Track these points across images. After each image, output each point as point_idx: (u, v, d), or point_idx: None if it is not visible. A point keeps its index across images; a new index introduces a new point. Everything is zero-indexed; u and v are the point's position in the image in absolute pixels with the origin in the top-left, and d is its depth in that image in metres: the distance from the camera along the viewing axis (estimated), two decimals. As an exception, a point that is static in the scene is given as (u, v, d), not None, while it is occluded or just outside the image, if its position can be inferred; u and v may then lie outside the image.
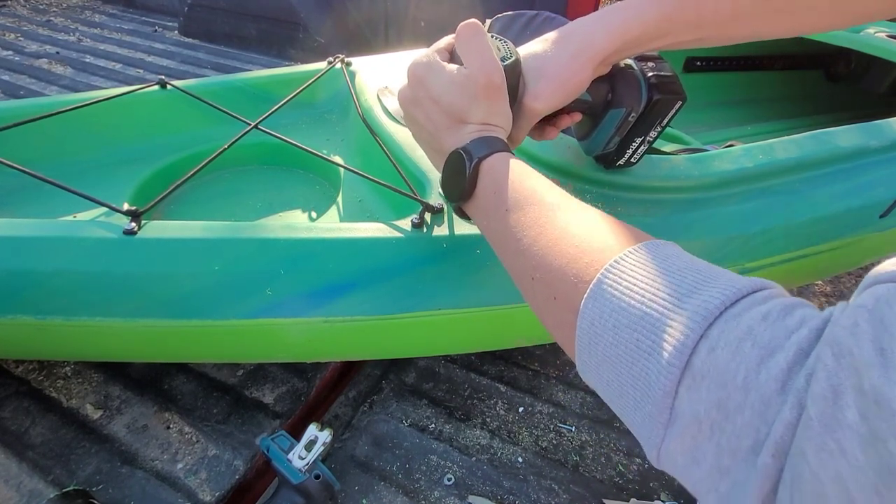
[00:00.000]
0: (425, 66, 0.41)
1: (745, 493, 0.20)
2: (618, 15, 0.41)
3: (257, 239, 0.50)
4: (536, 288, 0.32)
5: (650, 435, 0.24)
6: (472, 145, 0.38)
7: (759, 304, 0.23)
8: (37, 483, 0.56)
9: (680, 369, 0.22)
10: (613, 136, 0.51)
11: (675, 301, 0.24)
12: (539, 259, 0.31)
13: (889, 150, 0.66)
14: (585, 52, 0.42)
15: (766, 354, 0.21)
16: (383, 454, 0.62)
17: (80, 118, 0.69)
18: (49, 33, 2.07)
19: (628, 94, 0.48)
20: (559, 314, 0.30)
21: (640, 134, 0.51)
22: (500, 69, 0.39)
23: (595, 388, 0.28)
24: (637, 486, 0.61)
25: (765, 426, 0.20)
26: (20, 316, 0.49)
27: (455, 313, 0.54)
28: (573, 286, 0.28)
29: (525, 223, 0.33)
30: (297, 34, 1.89)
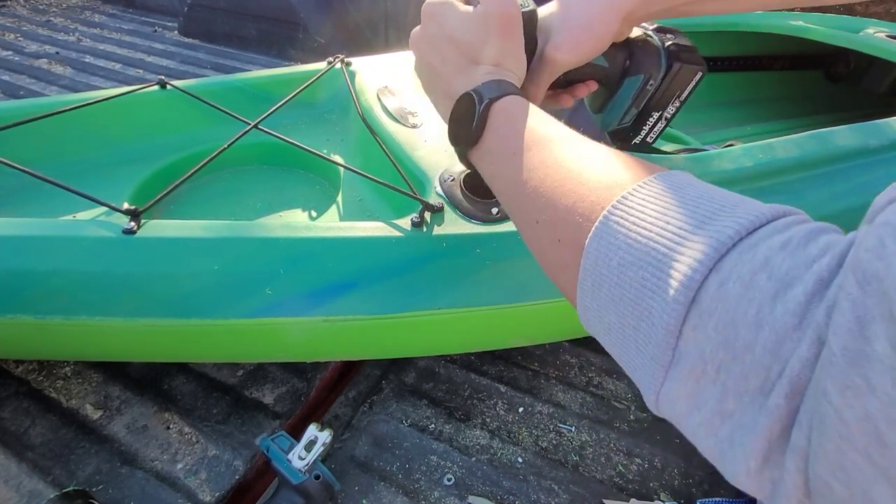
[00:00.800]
0: (440, 3, 0.40)
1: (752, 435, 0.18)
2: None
3: (257, 238, 0.50)
4: (541, 232, 0.30)
5: (650, 378, 0.23)
6: (484, 87, 0.36)
7: (778, 233, 0.20)
8: (36, 483, 0.56)
9: (685, 306, 0.21)
10: (630, 108, 0.49)
11: (686, 233, 0.22)
12: (545, 201, 0.29)
13: (889, 150, 0.66)
14: (609, 2, 0.41)
15: (783, 287, 0.19)
16: (383, 454, 0.62)
17: (80, 118, 0.69)
18: (49, 33, 2.07)
19: (647, 60, 0.47)
20: (563, 257, 0.28)
21: (658, 108, 0.49)
22: (517, 5, 0.38)
23: (597, 334, 0.27)
24: (637, 487, 0.61)
25: (777, 365, 0.18)
26: (20, 316, 0.49)
27: (455, 313, 0.54)
28: (578, 226, 0.26)
29: (532, 164, 0.31)
30: (296, 34, 1.89)
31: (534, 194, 0.30)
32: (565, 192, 0.28)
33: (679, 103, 0.50)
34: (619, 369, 0.76)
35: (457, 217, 0.54)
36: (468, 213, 0.54)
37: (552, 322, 0.63)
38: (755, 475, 0.19)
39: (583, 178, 0.28)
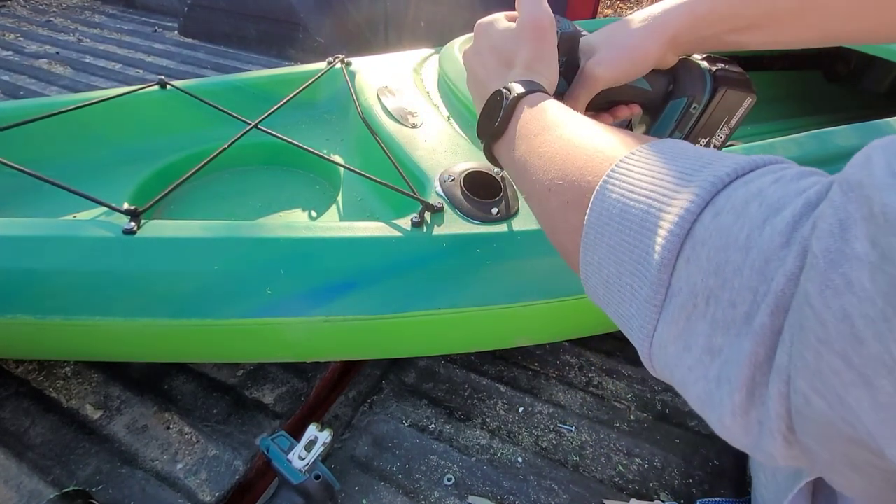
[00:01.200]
0: (488, 21, 0.44)
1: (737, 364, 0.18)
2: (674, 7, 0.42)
3: (257, 238, 0.50)
4: (551, 198, 0.31)
5: (643, 325, 0.22)
6: (513, 85, 0.39)
7: (772, 172, 0.21)
8: (36, 483, 0.56)
9: (681, 238, 0.21)
10: (674, 131, 0.49)
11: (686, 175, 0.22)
12: (557, 168, 0.31)
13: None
14: (654, 25, 0.42)
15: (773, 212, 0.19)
16: (383, 454, 0.62)
17: (80, 118, 0.69)
18: (49, 33, 2.07)
19: (691, 83, 0.47)
20: (571, 218, 0.28)
21: (704, 134, 0.49)
22: (550, 16, 0.41)
23: (595, 295, 0.27)
24: (637, 487, 0.61)
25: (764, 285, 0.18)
26: (20, 316, 0.49)
27: (455, 313, 0.54)
28: (586, 184, 0.27)
29: (549, 141, 0.33)
30: (296, 34, 1.89)
31: (547, 165, 0.32)
32: (576, 157, 0.30)
33: (729, 130, 0.49)
34: (619, 369, 0.77)
35: (457, 217, 0.54)
36: (468, 214, 0.54)
37: (552, 322, 0.63)
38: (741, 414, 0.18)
39: (593, 145, 0.29)
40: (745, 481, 0.61)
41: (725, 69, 0.47)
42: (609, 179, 0.25)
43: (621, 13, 3.13)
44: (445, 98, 0.75)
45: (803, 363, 0.16)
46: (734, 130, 0.49)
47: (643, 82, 0.46)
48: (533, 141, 0.34)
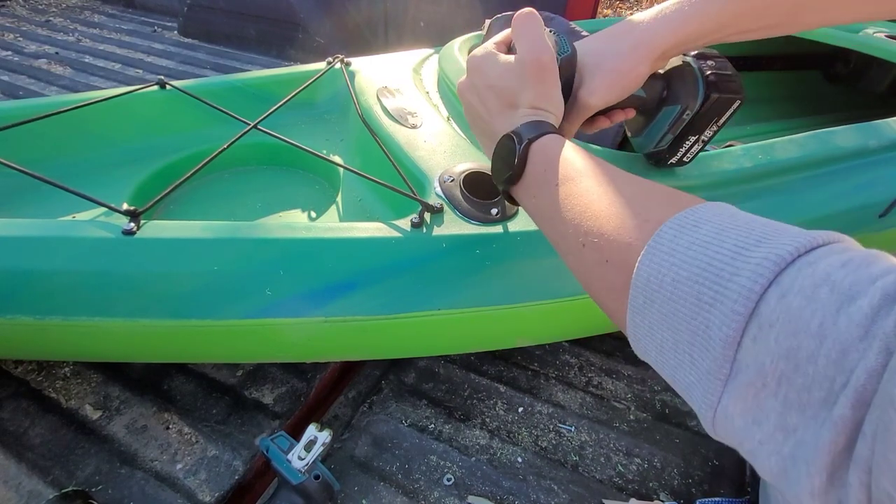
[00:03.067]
0: (482, 56, 0.43)
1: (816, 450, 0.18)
2: (676, 5, 0.41)
3: (257, 239, 0.50)
4: (586, 254, 0.30)
5: (706, 393, 0.22)
6: (523, 128, 0.38)
7: (837, 253, 0.21)
8: (36, 484, 0.56)
9: (745, 317, 0.20)
10: (666, 134, 0.50)
11: (742, 250, 0.22)
12: (590, 224, 0.30)
13: (888, 150, 0.66)
14: (643, 47, 0.42)
15: (847, 300, 0.18)
16: (383, 454, 0.62)
17: (80, 118, 0.69)
18: (48, 33, 2.07)
19: (684, 91, 0.48)
20: (611, 277, 0.28)
21: (694, 132, 0.50)
22: (551, 52, 0.40)
23: (647, 354, 0.27)
24: (636, 486, 0.61)
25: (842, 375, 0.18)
26: (19, 316, 0.49)
27: (455, 313, 0.54)
28: (628, 246, 0.27)
29: (575, 193, 0.32)
30: (296, 34, 1.89)
31: (579, 219, 0.31)
32: (612, 215, 0.29)
33: (716, 127, 0.50)
34: (619, 369, 0.77)
35: (456, 218, 0.54)
36: (467, 214, 0.54)
37: (552, 322, 0.63)
38: (820, 495, 0.19)
39: (629, 202, 0.29)
40: (744, 481, 0.61)
41: (717, 72, 0.47)
42: (655, 245, 0.25)
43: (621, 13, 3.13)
44: (445, 98, 0.75)
45: (886, 463, 0.16)
46: (721, 128, 0.50)
47: (638, 90, 0.46)
48: (558, 191, 0.34)
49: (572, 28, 0.75)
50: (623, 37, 0.43)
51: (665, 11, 0.42)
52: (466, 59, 0.45)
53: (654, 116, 0.50)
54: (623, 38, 0.43)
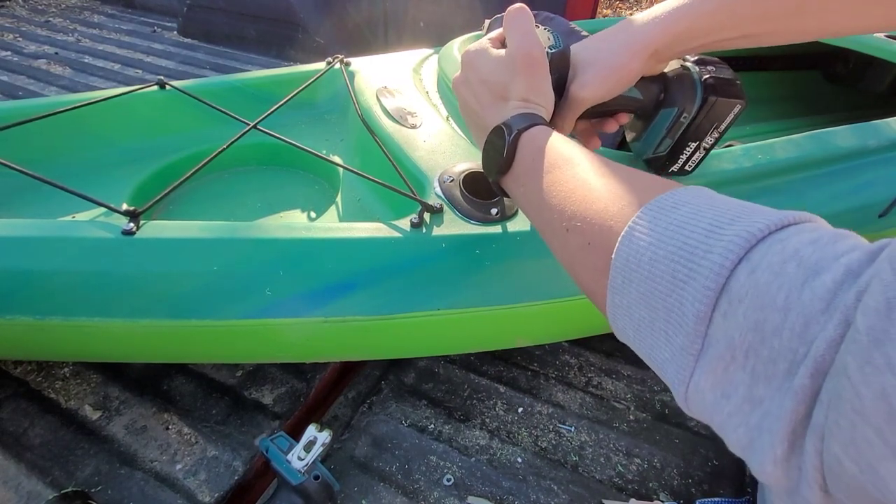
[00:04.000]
0: (475, 51, 0.44)
1: (778, 418, 0.19)
2: (671, 5, 0.42)
3: (256, 239, 0.50)
4: (570, 238, 0.31)
5: (679, 370, 0.23)
6: (512, 120, 0.39)
7: (807, 231, 0.21)
8: (35, 484, 0.56)
9: (716, 292, 0.21)
10: (664, 138, 0.50)
11: (716, 229, 0.23)
12: (574, 209, 0.31)
13: (888, 150, 0.66)
14: (634, 42, 0.42)
15: (812, 274, 0.19)
16: (383, 455, 0.62)
17: (79, 119, 0.69)
18: (48, 34, 2.07)
19: (681, 93, 0.47)
20: (593, 259, 0.29)
21: (694, 139, 0.49)
22: (540, 46, 0.41)
23: (625, 333, 0.27)
24: (636, 487, 0.61)
25: (804, 347, 0.19)
26: (19, 316, 0.49)
27: (454, 313, 0.54)
28: (609, 229, 0.28)
29: (561, 180, 0.33)
30: (296, 34, 1.89)
31: (563, 204, 0.32)
32: (595, 199, 0.30)
33: (718, 134, 0.49)
34: (619, 370, 0.77)
35: (456, 218, 0.54)
36: (467, 214, 0.54)
37: (552, 322, 0.63)
38: (782, 462, 0.19)
39: (611, 187, 0.30)
40: (744, 481, 0.61)
41: (716, 76, 0.47)
42: (635, 226, 0.26)
43: (621, 13, 3.13)
44: (445, 98, 0.75)
45: (837, 429, 0.17)
46: (723, 134, 0.50)
47: (634, 91, 0.46)
48: (544, 178, 0.35)
49: (572, 28, 0.75)
50: (616, 34, 0.44)
51: (659, 10, 0.42)
52: (462, 55, 0.45)
53: (652, 119, 0.50)
54: (616, 35, 0.44)
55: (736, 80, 0.47)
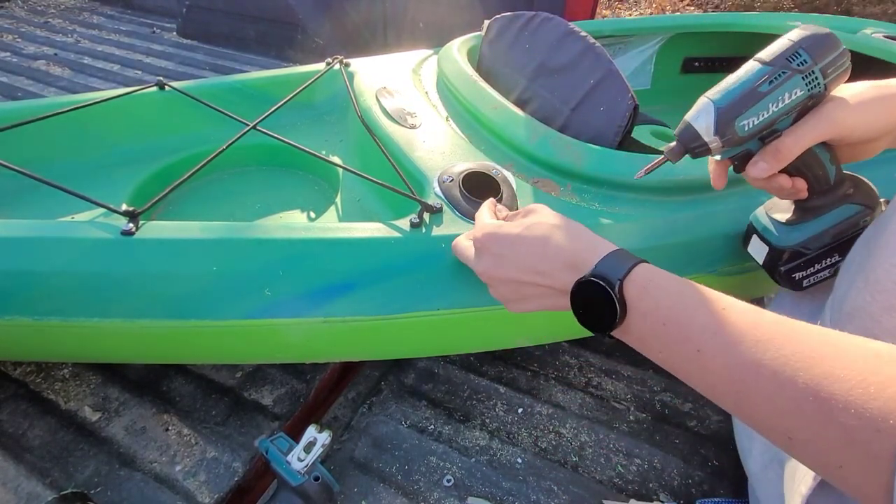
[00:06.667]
0: (494, 236, 0.42)
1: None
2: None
3: (256, 239, 0.50)
4: (795, 447, 0.27)
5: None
6: (602, 267, 0.36)
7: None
8: (35, 485, 0.56)
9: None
10: (826, 234, 0.46)
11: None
12: (789, 413, 0.27)
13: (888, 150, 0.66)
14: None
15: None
16: (382, 455, 0.62)
17: (79, 119, 0.69)
18: (47, 34, 2.07)
19: (871, 199, 0.45)
20: (856, 464, 0.25)
21: (843, 252, 0.46)
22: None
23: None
24: (636, 487, 0.61)
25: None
26: (18, 317, 0.49)
27: (454, 313, 0.54)
28: (880, 434, 0.23)
29: (738, 365, 0.29)
30: (295, 35, 1.89)
31: (764, 407, 0.28)
32: (816, 404, 0.26)
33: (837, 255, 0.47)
34: (619, 370, 0.77)
35: (455, 218, 0.54)
36: (467, 214, 0.54)
37: (551, 322, 0.63)
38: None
39: (835, 387, 0.25)
40: (744, 481, 0.61)
41: None
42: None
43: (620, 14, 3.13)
44: (444, 98, 0.75)
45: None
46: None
47: (833, 171, 0.44)
48: (705, 361, 0.31)
49: (571, 29, 0.75)
50: (883, 84, 0.41)
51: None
52: (483, 239, 0.43)
53: (828, 210, 0.46)
54: (884, 84, 0.41)
55: None
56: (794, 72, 0.38)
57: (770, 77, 0.38)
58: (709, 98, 0.40)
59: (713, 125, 0.40)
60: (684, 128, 0.42)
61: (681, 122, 0.42)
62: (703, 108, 0.40)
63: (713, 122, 0.40)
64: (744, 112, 0.39)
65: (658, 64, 1.18)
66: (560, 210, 0.44)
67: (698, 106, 0.41)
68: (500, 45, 0.82)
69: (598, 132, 0.64)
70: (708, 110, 0.40)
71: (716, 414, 0.70)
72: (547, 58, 0.73)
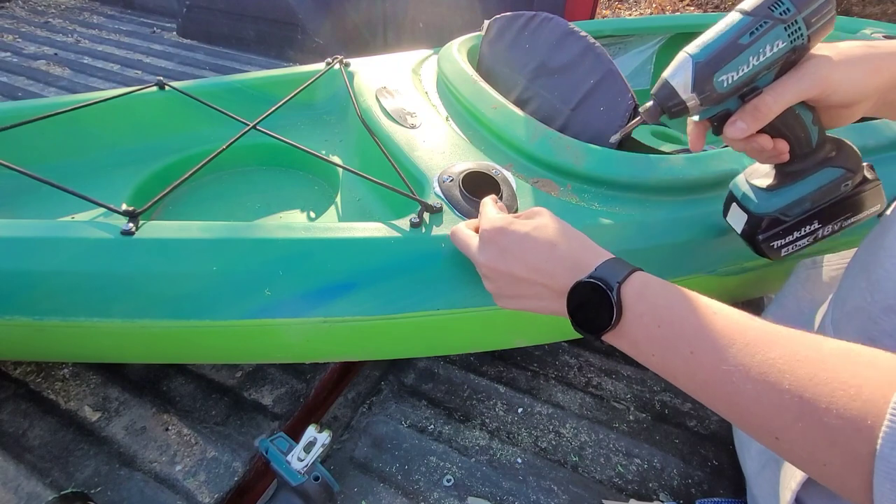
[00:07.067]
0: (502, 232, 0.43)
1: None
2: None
3: (255, 239, 0.50)
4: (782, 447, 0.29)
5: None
6: (602, 271, 0.37)
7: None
8: (35, 485, 0.56)
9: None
10: (805, 200, 0.44)
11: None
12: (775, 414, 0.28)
13: (886, 150, 0.66)
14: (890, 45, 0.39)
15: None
16: (382, 455, 0.62)
17: (79, 119, 0.69)
18: (47, 35, 2.07)
19: (855, 159, 0.43)
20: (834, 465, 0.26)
21: (823, 219, 0.45)
22: None
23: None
24: (636, 487, 0.61)
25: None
26: (18, 317, 0.49)
27: (454, 313, 0.54)
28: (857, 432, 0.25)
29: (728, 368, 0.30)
30: (295, 35, 1.89)
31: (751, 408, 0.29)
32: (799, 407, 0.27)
33: (839, 228, 0.45)
34: (619, 370, 0.77)
35: (455, 217, 0.54)
36: (466, 214, 0.54)
37: (551, 322, 0.63)
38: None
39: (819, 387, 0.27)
40: (743, 481, 0.61)
41: (874, 171, 0.45)
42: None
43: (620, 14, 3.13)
44: (444, 98, 0.75)
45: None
46: (841, 231, 0.45)
47: (815, 132, 0.42)
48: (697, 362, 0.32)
49: (571, 29, 0.75)
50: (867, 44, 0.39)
51: None
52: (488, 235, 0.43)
53: (810, 173, 0.44)
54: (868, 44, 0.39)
55: None
56: (777, 21, 0.36)
57: (751, 27, 0.36)
58: (687, 53, 0.38)
59: (691, 81, 0.38)
60: (661, 85, 0.40)
61: (658, 80, 0.41)
62: (681, 64, 0.39)
63: (691, 77, 0.38)
64: (723, 66, 0.37)
65: (658, 64, 1.18)
66: (560, 210, 0.44)
67: (676, 61, 0.39)
68: (500, 45, 0.82)
69: (598, 132, 0.64)
70: (686, 66, 0.38)
71: (715, 414, 0.70)
72: (547, 58, 0.73)
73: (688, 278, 0.60)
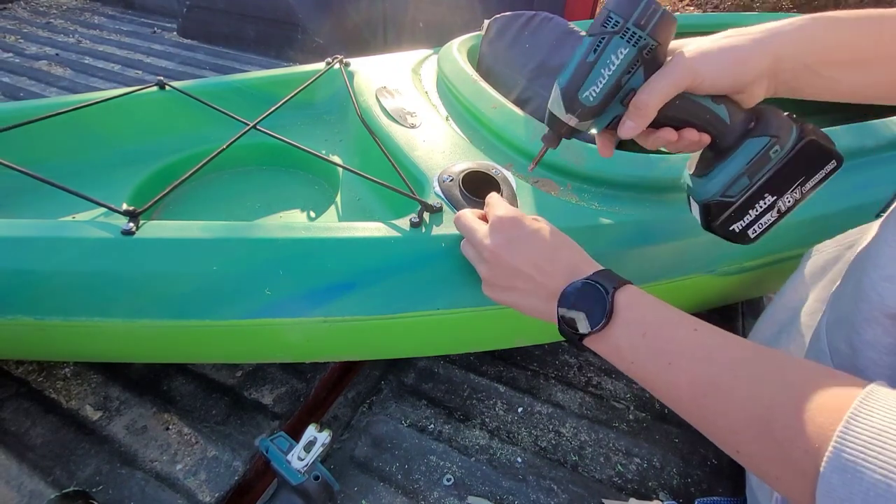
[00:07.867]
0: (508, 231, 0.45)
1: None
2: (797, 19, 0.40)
3: (256, 239, 0.50)
4: (742, 458, 0.32)
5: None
6: (597, 277, 0.40)
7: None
8: (37, 484, 0.56)
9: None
10: (742, 176, 0.42)
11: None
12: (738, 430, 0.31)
13: (886, 150, 0.66)
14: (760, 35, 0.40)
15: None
16: (382, 455, 0.62)
17: (80, 119, 0.69)
18: (49, 35, 2.07)
19: (776, 123, 0.43)
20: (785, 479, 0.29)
21: (774, 190, 0.43)
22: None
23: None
24: (636, 486, 0.61)
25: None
26: (19, 316, 0.49)
27: (454, 313, 0.54)
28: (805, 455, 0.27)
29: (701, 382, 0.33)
30: (295, 35, 1.89)
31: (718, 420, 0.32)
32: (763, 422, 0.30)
33: (800, 195, 0.44)
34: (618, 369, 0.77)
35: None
36: (467, 214, 0.54)
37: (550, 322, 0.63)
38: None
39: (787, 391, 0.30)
40: (742, 480, 0.61)
41: (814, 129, 0.43)
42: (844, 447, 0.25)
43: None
44: (444, 98, 0.76)
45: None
46: (805, 197, 0.44)
47: (723, 111, 0.42)
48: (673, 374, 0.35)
49: (571, 29, 0.75)
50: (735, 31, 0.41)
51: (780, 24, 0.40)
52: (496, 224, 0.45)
53: (734, 150, 0.43)
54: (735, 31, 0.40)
55: (831, 141, 0.44)
56: (612, 34, 0.39)
57: (593, 45, 0.40)
58: (556, 81, 0.42)
59: (563, 104, 0.41)
60: (548, 115, 0.44)
61: None
62: (553, 92, 0.42)
63: (561, 101, 0.41)
64: (583, 84, 0.40)
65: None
66: (560, 209, 0.44)
67: (552, 91, 0.43)
68: (499, 44, 0.82)
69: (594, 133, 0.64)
70: (556, 93, 0.42)
71: (715, 413, 0.70)
72: (547, 57, 0.73)
73: (687, 278, 0.60)
